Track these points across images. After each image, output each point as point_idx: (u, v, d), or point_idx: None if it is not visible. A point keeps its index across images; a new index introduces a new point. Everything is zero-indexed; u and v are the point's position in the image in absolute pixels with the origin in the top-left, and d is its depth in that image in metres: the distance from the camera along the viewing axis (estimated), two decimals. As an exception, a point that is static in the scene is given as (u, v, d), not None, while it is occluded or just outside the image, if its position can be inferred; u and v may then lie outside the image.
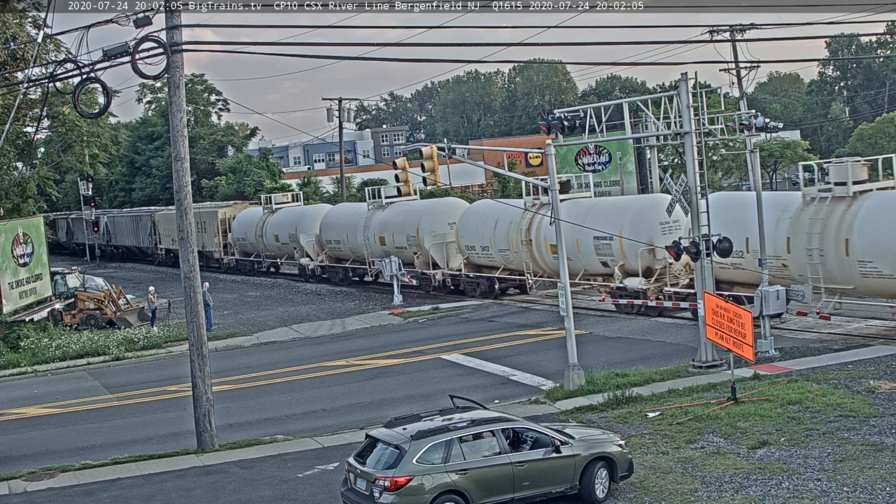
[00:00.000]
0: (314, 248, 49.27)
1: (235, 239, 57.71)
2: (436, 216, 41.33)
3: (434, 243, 40.46)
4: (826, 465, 15.69)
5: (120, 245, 77.47)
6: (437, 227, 40.80)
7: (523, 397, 22.48)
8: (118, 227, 76.54)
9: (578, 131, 25.41)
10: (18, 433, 23.16)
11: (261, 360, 30.50)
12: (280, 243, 52.23)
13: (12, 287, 34.94)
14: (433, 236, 40.67)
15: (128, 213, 77.21)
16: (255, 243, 55.12)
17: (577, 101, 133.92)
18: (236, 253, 58.08)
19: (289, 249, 51.59)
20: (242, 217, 57.63)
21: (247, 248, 57.02)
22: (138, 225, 71.77)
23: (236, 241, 57.70)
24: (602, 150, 58.45)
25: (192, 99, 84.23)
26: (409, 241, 41.48)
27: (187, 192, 20.32)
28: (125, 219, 75.76)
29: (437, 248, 40.56)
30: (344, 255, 47.66)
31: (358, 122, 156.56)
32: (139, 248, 72.96)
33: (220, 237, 59.01)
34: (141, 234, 70.90)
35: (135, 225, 72.80)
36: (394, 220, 42.96)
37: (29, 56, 32.24)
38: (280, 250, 52.82)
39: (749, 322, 19.38)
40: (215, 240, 59.34)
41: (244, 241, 56.76)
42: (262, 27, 36.01)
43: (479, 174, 78.90)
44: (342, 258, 48.05)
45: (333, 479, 16.61)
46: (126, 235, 74.80)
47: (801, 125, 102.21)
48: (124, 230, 75.24)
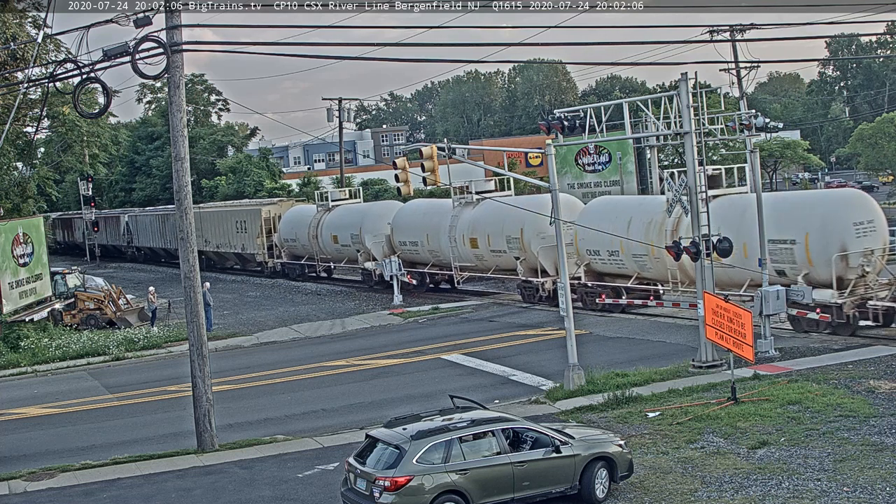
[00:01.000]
0: (383, 250, 43.84)
1: (283, 240, 52.33)
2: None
3: (543, 246, 34.61)
4: (826, 465, 15.69)
5: (143, 247, 71.86)
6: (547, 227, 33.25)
7: (523, 397, 22.47)
8: (142, 226, 70.96)
9: (578, 131, 25.40)
10: (18, 433, 23.16)
11: (261, 360, 30.50)
12: (339, 245, 46.90)
13: (12, 287, 34.95)
14: (541, 238, 34.67)
15: (153, 212, 71.07)
16: (307, 245, 49.69)
17: (577, 101, 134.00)
18: (283, 255, 52.66)
19: (350, 252, 46.20)
20: (291, 216, 52.12)
21: (296, 250, 51.64)
22: (166, 224, 65.71)
23: (284, 242, 52.33)
24: (602, 150, 58.65)
25: (192, 99, 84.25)
26: (511, 243, 35.77)
27: (187, 192, 20.32)
28: (150, 218, 69.81)
29: (546, 253, 34.65)
30: (421, 258, 42.26)
31: (358, 122, 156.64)
32: (166, 251, 67.09)
33: (263, 238, 53.46)
34: (169, 234, 64.93)
35: (161, 224, 66.91)
36: (489, 220, 37.17)
37: (29, 56, 32.25)
38: (339, 253, 47.41)
39: (749, 322, 19.38)
40: (258, 241, 53.78)
41: (293, 242, 51.43)
42: (262, 27, 36.04)
43: (479, 174, 78.83)
44: (419, 262, 42.58)
45: (333, 479, 16.61)
46: (151, 236, 69.20)
47: (801, 125, 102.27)
48: (149, 230, 69.59)
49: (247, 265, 58.12)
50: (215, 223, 58.38)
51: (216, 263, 60.66)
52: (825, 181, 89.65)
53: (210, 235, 58.52)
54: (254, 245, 54.38)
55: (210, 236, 58.55)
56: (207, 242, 58.54)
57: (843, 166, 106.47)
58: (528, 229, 35.25)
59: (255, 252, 54.55)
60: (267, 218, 53.53)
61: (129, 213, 75.96)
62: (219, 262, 60.63)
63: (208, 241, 58.67)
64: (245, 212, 55.88)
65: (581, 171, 58.70)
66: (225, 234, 57.31)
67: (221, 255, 59.38)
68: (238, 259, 58.13)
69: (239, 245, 56.12)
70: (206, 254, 58.88)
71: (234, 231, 56.14)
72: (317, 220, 48.88)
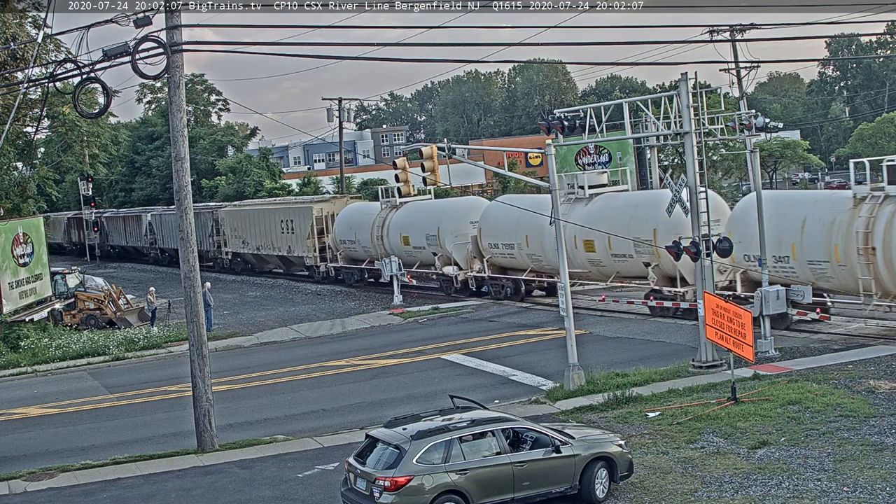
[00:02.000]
0: (466, 254, 38.85)
1: (339, 241, 46.68)
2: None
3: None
4: (826, 465, 15.69)
5: (168, 248, 65.65)
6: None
7: (523, 397, 22.47)
8: (167, 226, 64.81)
9: (578, 131, 25.41)
10: (18, 433, 23.17)
11: (261, 360, 30.50)
12: (411, 247, 41.46)
13: (12, 287, 34.95)
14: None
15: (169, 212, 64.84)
16: (369, 247, 44.16)
17: (577, 101, 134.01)
18: (339, 259, 46.94)
19: (425, 255, 40.78)
20: (349, 214, 46.81)
21: (356, 252, 46.09)
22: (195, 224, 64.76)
23: (340, 243, 46.69)
24: (602, 150, 58.65)
25: (192, 99, 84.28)
26: (639, 245, 30.62)
27: (187, 192, 20.32)
28: (165, 216, 64.73)
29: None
30: (518, 263, 36.84)
31: (358, 122, 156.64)
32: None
33: (314, 239, 48.01)
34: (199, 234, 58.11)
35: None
36: (611, 218, 31.80)
37: (29, 56, 32.25)
38: (410, 256, 41.62)
39: (749, 322, 19.38)
40: (308, 242, 48.46)
41: (352, 244, 45.82)
42: (262, 27, 36.12)
43: (479, 174, 78.94)
44: (513, 267, 37.45)
45: (333, 479, 16.61)
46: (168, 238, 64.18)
47: (801, 125, 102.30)
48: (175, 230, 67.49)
49: (292, 269, 53.36)
50: (256, 222, 53.53)
51: (255, 266, 56.58)
52: (825, 181, 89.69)
53: (249, 236, 54.32)
54: (303, 247, 49.15)
55: (249, 237, 54.35)
56: (245, 244, 54.83)
57: (843, 166, 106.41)
58: (661, 229, 29.28)
59: (303, 255, 49.33)
60: (319, 217, 48.07)
61: (152, 211, 70.52)
62: (258, 265, 56.25)
63: (247, 242, 54.69)
64: (293, 210, 50.35)
65: (581, 171, 58.64)
66: (267, 235, 52.41)
67: (262, 258, 54.87)
68: (282, 262, 53.52)
69: (284, 247, 51.03)
70: (244, 256, 56.01)
71: (279, 231, 51.10)
72: (382, 218, 43.45)
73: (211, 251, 59.49)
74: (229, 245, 57.49)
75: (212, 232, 59.25)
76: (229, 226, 57.02)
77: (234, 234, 56.38)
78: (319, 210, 48.29)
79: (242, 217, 54.81)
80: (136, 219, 72.03)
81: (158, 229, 67.39)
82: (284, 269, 54.77)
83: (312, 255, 48.35)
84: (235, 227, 56.03)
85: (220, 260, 59.33)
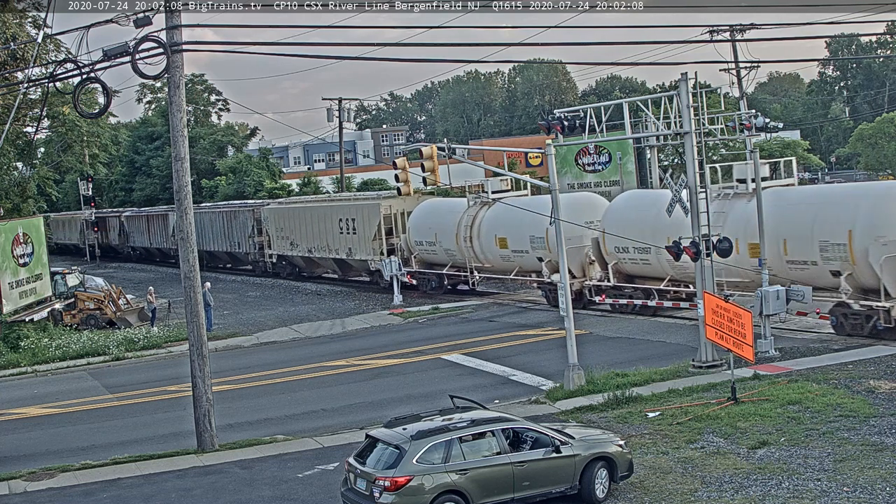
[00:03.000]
0: (585, 259, 33.58)
1: (414, 243, 41.47)
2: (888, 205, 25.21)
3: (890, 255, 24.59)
4: (826, 465, 15.70)
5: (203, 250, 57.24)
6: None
7: (523, 397, 22.48)
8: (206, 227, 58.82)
9: (578, 131, 25.41)
10: (18, 433, 23.17)
11: (261, 360, 30.50)
12: (509, 251, 36.14)
13: (12, 287, 34.96)
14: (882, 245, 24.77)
15: (214, 209, 59.88)
16: (454, 250, 38.87)
17: (577, 101, 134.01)
18: (414, 263, 41.64)
19: (527, 261, 35.60)
20: (426, 212, 41.40)
21: (434, 256, 40.78)
22: (233, 223, 55.70)
23: (415, 245, 41.44)
24: (602, 150, 58.64)
25: (192, 99, 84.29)
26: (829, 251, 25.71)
27: (187, 192, 20.32)
28: (211, 216, 58.79)
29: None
30: (652, 271, 31.48)
31: (358, 122, 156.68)
32: (231, 254, 57.58)
33: (381, 240, 42.41)
34: (237, 235, 55.18)
35: (226, 223, 56.56)
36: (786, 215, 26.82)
37: (29, 56, 32.26)
38: (506, 261, 36.56)
39: (749, 322, 19.39)
40: (373, 244, 42.73)
41: (431, 246, 40.50)
42: (262, 27, 36.00)
43: (479, 174, 78.97)
44: (644, 276, 32.18)
45: (333, 479, 16.61)
46: (212, 238, 58.20)
47: (801, 125, 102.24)
48: (209, 231, 58.35)
49: (349, 273, 48.03)
50: (308, 222, 48.10)
51: (303, 271, 51.27)
52: (825, 181, 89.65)
53: (299, 236, 48.91)
54: (366, 249, 43.42)
55: (299, 237, 48.92)
56: (294, 246, 49.39)
57: (843, 166, 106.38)
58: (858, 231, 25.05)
59: (368, 258, 43.42)
60: (387, 215, 42.52)
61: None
62: (308, 269, 50.96)
63: (296, 243, 49.24)
64: (356, 207, 44.46)
65: (581, 171, 58.64)
66: (322, 235, 46.88)
67: (313, 261, 49.59)
68: (339, 266, 47.86)
69: (343, 249, 45.43)
70: (291, 259, 51.10)
71: (337, 231, 45.56)
72: (471, 217, 38.02)
73: (251, 254, 54.32)
74: (274, 247, 51.66)
75: (252, 233, 53.52)
76: (274, 226, 51.24)
77: (280, 234, 50.79)
78: (388, 207, 42.57)
79: (291, 216, 49.47)
80: (163, 218, 65.91)
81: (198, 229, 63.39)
82: (340, 274, 49.27)
83: (379, 259, 42.30)
84: (282, 227, 50.45)
85: (261, 264, 53.92)
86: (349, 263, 46.26)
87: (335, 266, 48.29)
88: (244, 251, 54.73)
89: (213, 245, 58.29)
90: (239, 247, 55.31)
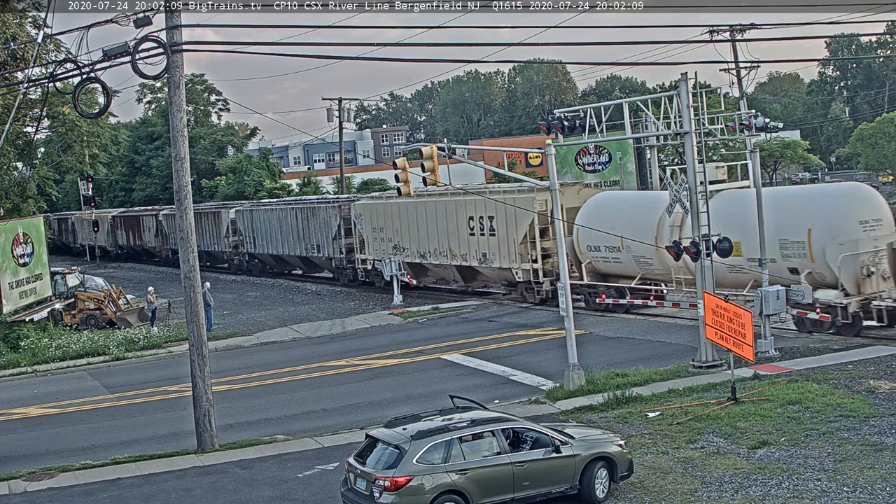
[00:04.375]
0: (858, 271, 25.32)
1: (586, 248, 33.23)
2: None
3: None
4: (826, 465, 15.69)
5: (260, 254, 53.51)
6: None
7: (523, 397, 22.48)
8: (259, 226, 52.12)
9: (578, 131, 25.40)
10: (18, 433, 23.17)
11: (261, 360, 30.50)
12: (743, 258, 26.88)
13: (12, 287, 34.96)
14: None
15: (284, 205, 51.82)
16: (649, 259, 30.69)
17: (577, 101, 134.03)
18: (584, 274, 33.20)
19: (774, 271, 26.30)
20: (603, 208, 33.20)
21: (619, 266, 32.37)
22: (310, 223, 47.20)
23: (588, 251, 33.15)
24: (602, 150, 58.65)
25: (192, 99, 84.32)
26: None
27: (187, 192, 20.31)
28: (280, 213, 50.37)
29: None
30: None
31: (358, 122, 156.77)
32: (307, 259, 49.01)
33: (527, 245, 34.97)
34: (315, 236, 46.98)
35: (302, 222, 47.75)
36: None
37: (29, 56, 32.25)
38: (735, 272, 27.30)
39: (749, 322, 19.39)
40: (519, 248, 35.13)
41: (612, 253, 32.01)
42: (263, 27, 36.02)
43: (479, 174, 79.01)
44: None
45: (333, 479, 16.61)
46: (282, 240, 49.99)
47: (801, 125, 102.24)
48: (278, 231, 50.40)
49: (473, 283, 39.85)
50: (422, 220, 40.02)
51: (416, 275, 41.99)
52: (825, 181, 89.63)
53: (406, 238, 41.17)
54: (509, 255, 35.43)
55: (406, 239, 41.19)
56: (399, 249, 41.34)
57: (843, 166, 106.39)
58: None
59: (512, 266, 35.33)
60: (543, 212, 33.56)
61: (236, 207, 57.40)
62: (419, 274, 41.89)
63: (401, 246, 41.33)
64: (497, 202, 35.17)
65: (581, 171, 58.64)
66: (441, 237, 39.02)
67: (424, 269, 41.48)
68: (463, 275, 39.37)
69: (474, 254, 37.24)
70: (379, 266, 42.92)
71: (466, 232, 37.63)
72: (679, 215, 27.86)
73: (335, 259, 46.01)
74: (370, 251, 43.30)
75: (337, 234, 45.15)
76: (370, 225, 43.11)
77: (377, 236, 42.73)
78: (544, 203, 33.34)
79: (395, 213, 41.50)
80: (213, 216, 58.40)
81: (249, 229, 53.86)
82: (462, 284, 40.43)
83: (526, 268, 34.84)
84: (381, 227, 42.43)
85: (348, 271, 45.61)
86: (481, 273, 38.07)
87: (457, 275, 39.67)
88: (325, 256, 46.35)
89: (282, 248, 50.48)
90: (318, 250, 46.80)
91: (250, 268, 55.94)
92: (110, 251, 77.23)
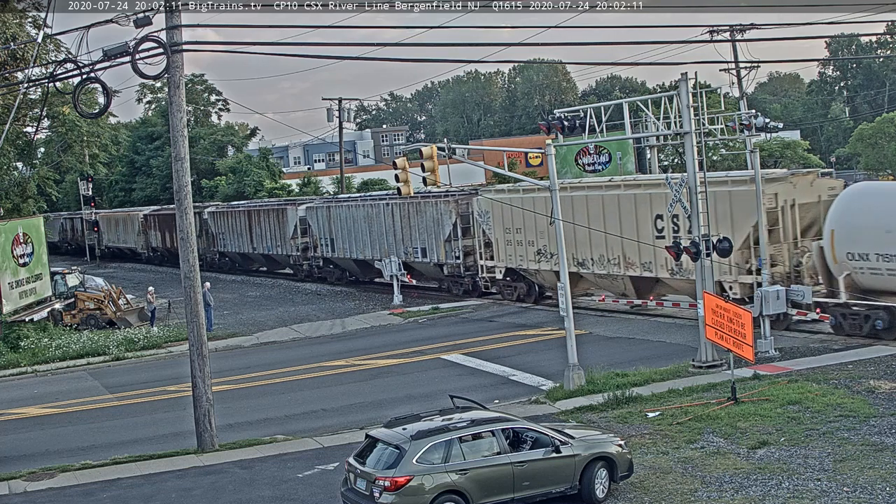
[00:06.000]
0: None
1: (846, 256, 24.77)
2: None
3: None
4: (826, 465, 15.70)
5: (339, 259, 46.34)
6: None
7: (523, 397, 22.48)
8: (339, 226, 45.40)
9: (578, 131, 25.40)
10: (18, 433, 23.17)
11: (261, 360, 30.50)
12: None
13: (12, 287, 34.96)
14: None
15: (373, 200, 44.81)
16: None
17: (577, 101, 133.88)
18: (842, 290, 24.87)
19: None
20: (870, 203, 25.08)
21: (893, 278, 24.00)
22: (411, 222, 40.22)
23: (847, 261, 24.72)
24: (602, 150, 58.65)
25: (192, 99, 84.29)
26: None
27: (187, 192, 20.31)
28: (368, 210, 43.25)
29: None
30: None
31: (358, 122, 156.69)
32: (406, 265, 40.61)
33: (746, 251, 27.08)
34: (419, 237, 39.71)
35: (400, 220, 40.78)
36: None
37: (29, 56, 32.25)
38: None
39: (749, 322, 19.39)
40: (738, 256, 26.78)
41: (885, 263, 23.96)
42: (263, 27, 36.02)
43: (479, 174, 78.98)
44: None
45: (333, 479, 16.61)
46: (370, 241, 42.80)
47: (801, 125, 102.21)
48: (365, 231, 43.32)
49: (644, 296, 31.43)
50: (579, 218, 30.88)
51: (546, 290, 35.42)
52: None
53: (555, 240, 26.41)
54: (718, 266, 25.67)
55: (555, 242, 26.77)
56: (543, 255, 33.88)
57: (843, 166, 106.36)
58: None
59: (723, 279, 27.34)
60: (772, 209, 26.67)
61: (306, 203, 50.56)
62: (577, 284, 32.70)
63: (545, 251, 33.75)
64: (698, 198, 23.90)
65: (581, 171, 58.66)
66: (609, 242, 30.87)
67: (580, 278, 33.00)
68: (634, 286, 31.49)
69: (660, 262, 29.53)
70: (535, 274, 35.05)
71: (651, 233, 29.69)
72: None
73: (447, 265, 38.70)
74: (501, 257, 35.97)
75: (451, 235, 37.99)
76: (500, 225, 35.83)
77: (510, 237, 35.39)
78: (774, 197, 26.75)
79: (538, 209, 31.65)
80: (276, 214, 51.02)
81: (324, 229, 46.93)
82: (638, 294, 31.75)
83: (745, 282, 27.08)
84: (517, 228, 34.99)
85: (465, 281, 38.53)
86: (667, 286, 30.39)
87: (629, 287, 31.62)
88: (434, 262, 39.21)
89: (371, 252, 43.15)
90: (424, 255, 39.55)
91: (324, 275, 48.60)
92: (141, 254, 69.21)
